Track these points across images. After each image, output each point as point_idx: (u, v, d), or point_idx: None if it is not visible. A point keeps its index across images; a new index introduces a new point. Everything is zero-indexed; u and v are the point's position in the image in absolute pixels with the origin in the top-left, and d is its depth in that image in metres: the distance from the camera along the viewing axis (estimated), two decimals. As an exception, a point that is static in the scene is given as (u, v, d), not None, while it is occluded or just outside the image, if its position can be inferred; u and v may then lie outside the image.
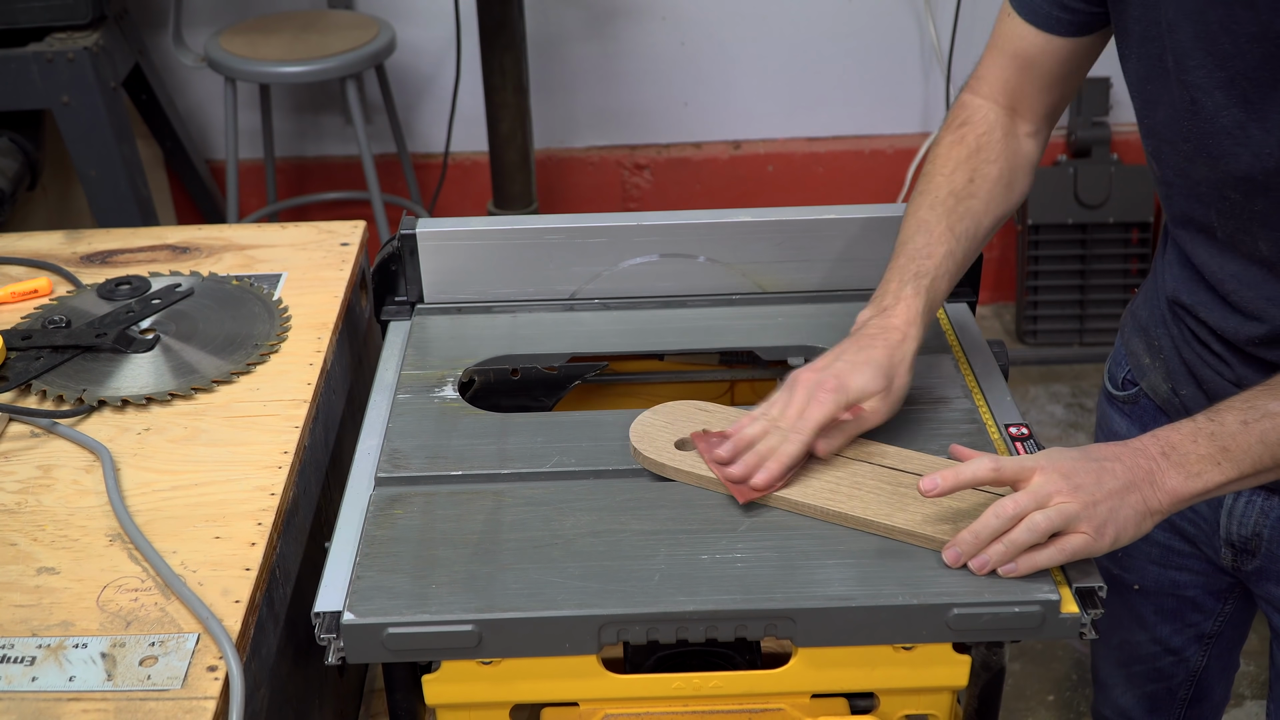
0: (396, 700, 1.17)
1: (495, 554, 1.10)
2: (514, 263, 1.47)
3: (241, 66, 2.78)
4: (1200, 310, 1.22)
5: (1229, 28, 1.05)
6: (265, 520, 1.14)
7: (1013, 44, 1.28)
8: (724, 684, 1.11)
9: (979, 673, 1.15)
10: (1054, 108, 1.31)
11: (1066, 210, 3.25)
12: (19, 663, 0.99)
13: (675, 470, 1.18)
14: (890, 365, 1.17)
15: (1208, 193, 1.15)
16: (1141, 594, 1.45)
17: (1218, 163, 1.12)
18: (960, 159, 1.28)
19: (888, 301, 1.21)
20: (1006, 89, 1.30)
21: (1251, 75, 1.05)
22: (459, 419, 1.28)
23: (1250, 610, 1.46)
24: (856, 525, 1.12)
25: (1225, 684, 1.54)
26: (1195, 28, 1.07)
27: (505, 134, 2.81)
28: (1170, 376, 1.30)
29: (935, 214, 1.25)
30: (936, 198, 1.26)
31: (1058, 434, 3.05)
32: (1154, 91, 1.16)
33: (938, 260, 1.23)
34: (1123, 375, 1.39)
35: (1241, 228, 1.14)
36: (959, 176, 1.26)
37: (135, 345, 1.37)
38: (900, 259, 1.24)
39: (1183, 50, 1.09)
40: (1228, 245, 1.16)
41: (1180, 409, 1.29)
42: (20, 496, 1.17)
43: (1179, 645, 1.47)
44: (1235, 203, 1.13)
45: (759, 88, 3.29)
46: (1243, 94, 1.07)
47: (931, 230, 1.24)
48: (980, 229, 1.26)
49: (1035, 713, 2.38)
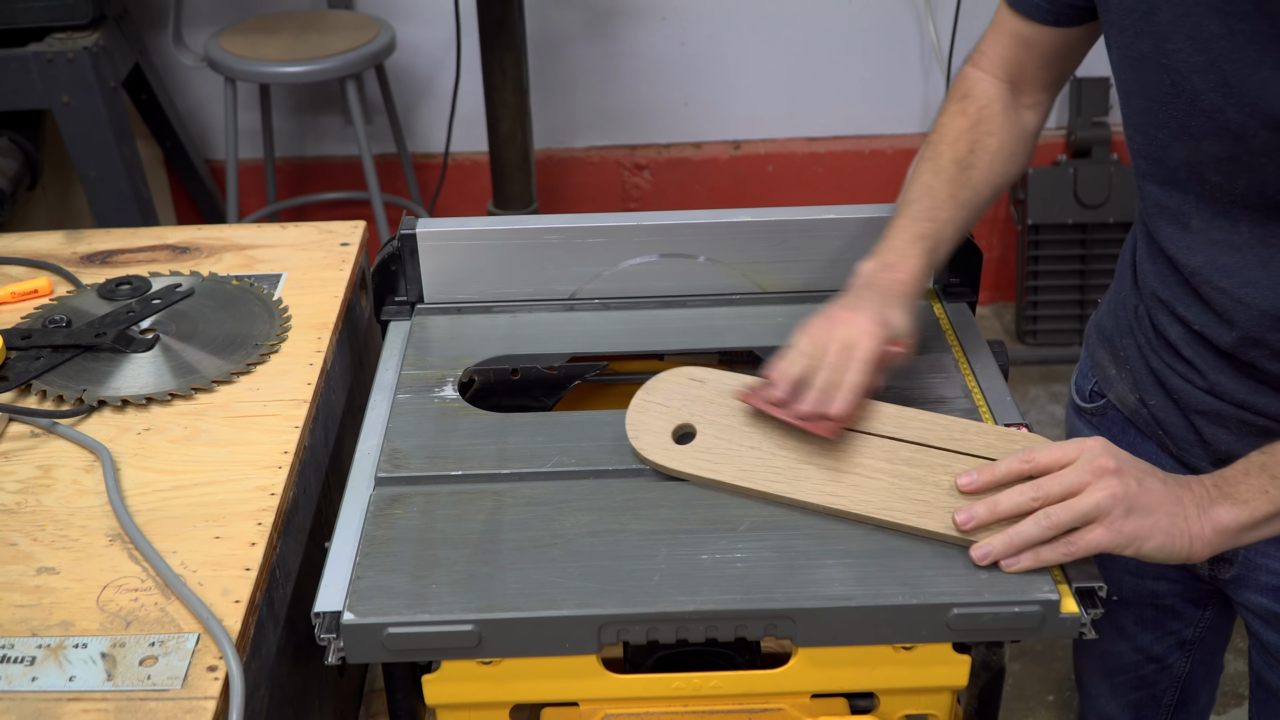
0: (396, 700, 1.17)
1: (495, 554, 1.10)
2: (514, 263, 1.47)
3: (241, 66, 2.78)
4: (1178, 306, 1.20)
5: (1215, 10, 1.03)
6: (265, 520, 1.14)
7: (1010, 25, 1.30)
8: (724, 684, 1.11)
9: (979, 673, 1.16)
10: (1055, 81, 1.33)
11: (1066, 210, 3.25)
12: (19, 663, 0.99)
13: (676, 471, 1.17)
14: (909, 310, 1.19)
15: (1186, 178, 1.14)
16: (1120, 604, 1.44)
17: (1199, 145, 1.10)
18: (962, 129, 1.30)
19: (892, 258, 1.22)
20: (1007, 64, 1.32)
21: (1235, 56, 1.04)
22: (459, 419, 1.28)
23: (1231, 614, 1.44)
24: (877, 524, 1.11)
25: (1210, 688, 1.53)
26: (1175, 10, 1.07)
27: (505, 134, 2.81)
28: (1137, 387, 1.29)
29: (940, 180, 1.27)
30: (940, 164, 1.28)
31: (1058, 434, 3.02)
32: (1132, 79, 1.16)
33: (940, 224, 1.25)
34: (1089, 388, 1.39)
35: (1220, 212, 1.12)
36: (961, 146, 1.29)
37: (135, 345, 1.37)
38: (904, 219, 1.25)
39: (1162, 34, 1.08)
40: (1202, 234, 1.15)
41: (1149, 420, 1.29)
42: (20, 496, 1.17)
43: (1161, 653, 1.46)
44: (1215, 185, 1.11)
45: (759, 88, 3.29)
46: (1222, 76, 1.05)
47: (936, 194, 1.26)
48: (980, 198, 1.29)
49: (1035, 713, 2.38)
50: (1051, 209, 3.26)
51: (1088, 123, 3.24)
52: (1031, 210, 3.26)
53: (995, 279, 3.47)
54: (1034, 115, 1.34)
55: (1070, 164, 3.25)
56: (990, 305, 3.49)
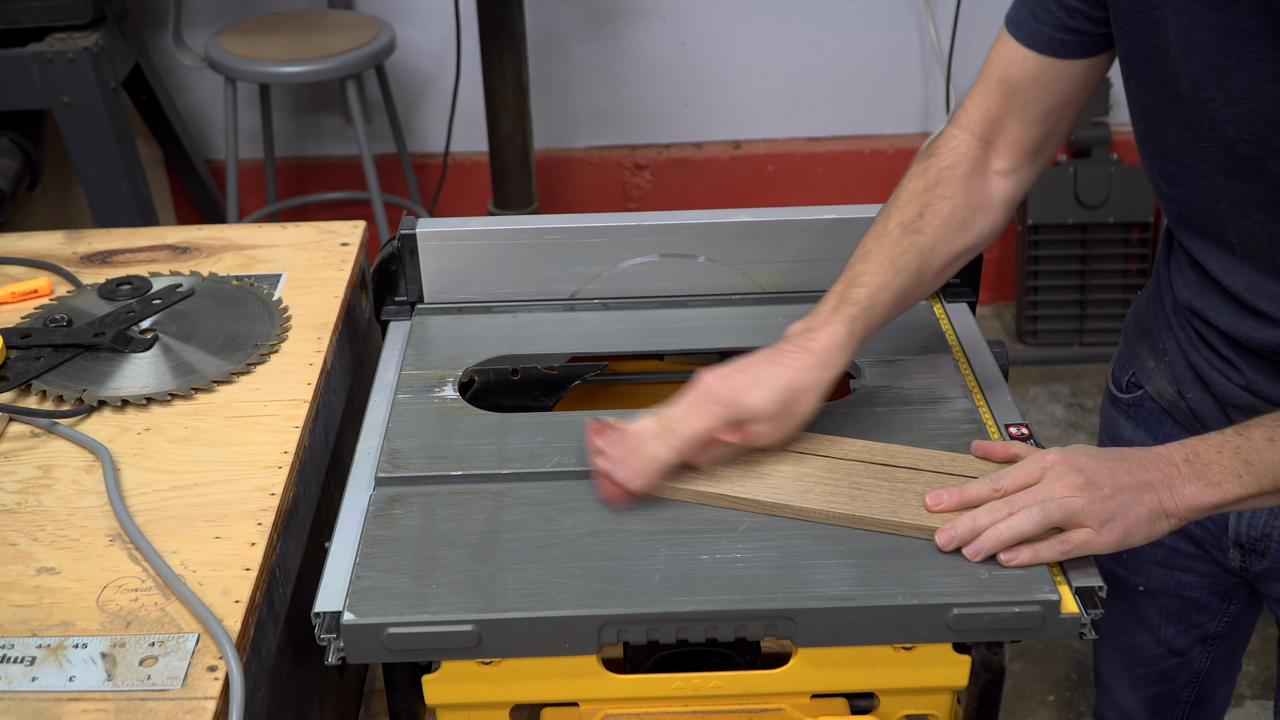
0: (396, 700, 1.17)
1: (495, 554, 1.10)
2: (514, 263, 1.47)
3: (241, 66, 2.78)
4: (1211, 314, 1.21)
5: (1248, 64, 1.03)
6: (265, 520, 1.14)
7: (1001, 69, 1.24)
8: (724, 684, 1.11)
9: (979, 673, 1.16)
10: (1038, 144, 1.26)
11: (1066, 210, 3.25)
12: (19, 663, 0.99)
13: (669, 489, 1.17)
14: (793, 390, 1.14)
15: (1228, 210, 1.13)
16: (1146, 595, 1.45)
17: (1240, 185, 1.10)
18: (916, 191, 1.24)
19: (815, 323, 1.18)
20: (986, 119, 1.26)
21: (1267, 114, 1.03)
22: (459, 419, 1.28)
23: (1254, 611, 1.46)
24: (861, 525, 1.12)
25: (1228, 685, 1.54)
26: (1208, 62, 1.05)
27: (505, 134, 2.81)
28: (1176, 380, 1.30)
29: (880, 245, 1.22)
30: (885, 229, 1.23)
31: (1058, 434, 3.05)
32: (1163, 115, 1.13)
33: (871, 291, 1.19)
34: (1127, 379, 1.39)
35: (1262, 245, 1.12)
36: (910, 209, 1.23)
37: (135, 345, 1.37)
38: (840, 283, 1.21)
39: (1197, 81, 1.07)
40: (1246, 257, 1.15)
41: (1187, 412, 1.29)
42: (20, 496, 1.17)
43: (1183, 647, 1.47)
44: (1258, 223, 1.11)
45: (759, 88, 3.29)
46: (1257, 131, 1.05)
47: (871, 260, 1.21)
48: (927, 266, 1.22)
49: (1035, 713, 2.38)
50: (1051, 209, 3.26)
51: (1088, 123, 3.24)
52: (1031, 210, 3.26)
53: (995, 279, 3.47)
54: (1007, 184, 1.26)
55: (1070, 164, 3.25)
56: (990, 305, 3.49)
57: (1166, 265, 1.30)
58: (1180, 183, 1.17)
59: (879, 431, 1.23)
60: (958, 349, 1.38)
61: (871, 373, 1.34)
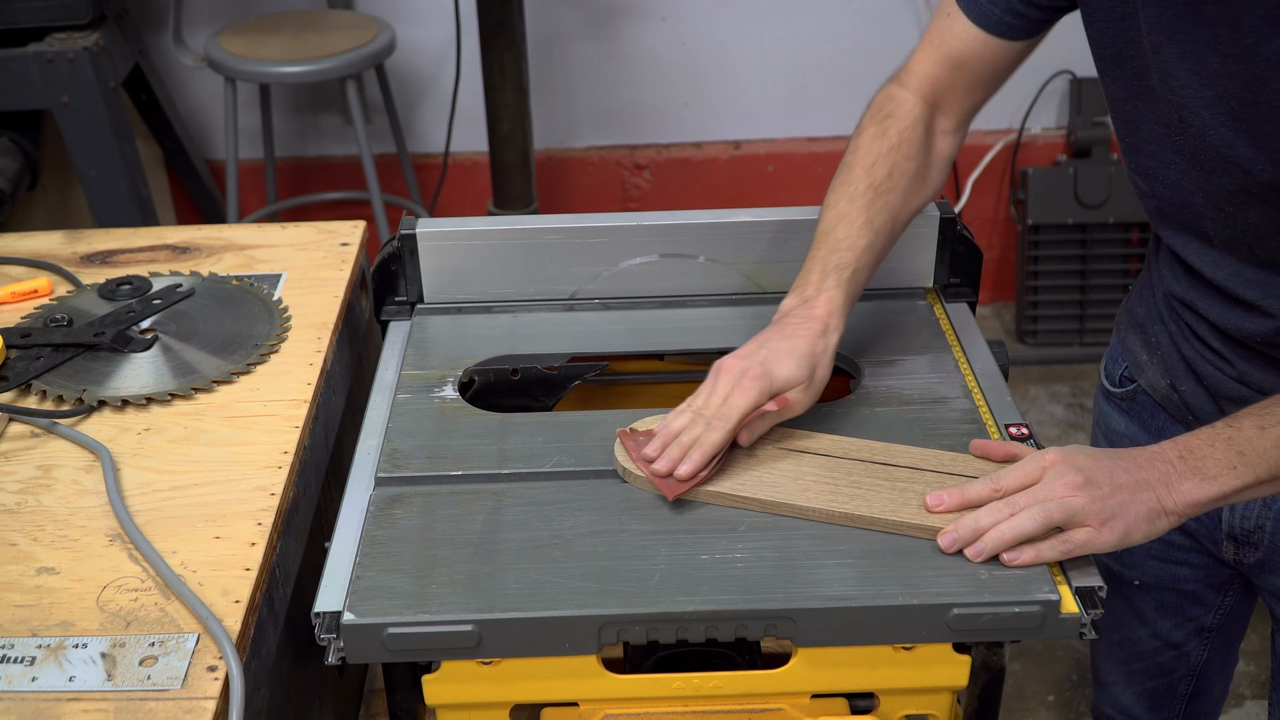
0: (396, 700, 1.17)
1: (495, 554, 1.10)
2: (514, 263, 1.47)
3: (241, 66, 2.78)
4: (1200, 305, 1.22)
5: (1216, 48, 1.05)
6: (265, 520, 1.14)
7: (949, 43, 1.29)
8: (724, 684, 1.11)
9: (979, 673, 1.16)
10: (975, 107, 1.33)
11: (1066, 210, 3.25)
12: (19, 663, 0.99)
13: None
14: (813, 356, 1.19)
15: (1202, 203, 1.15)
16: (1142, 589, 1.45)
17: (1210, 176, 1.12)
18: (881, 152, 1.28)
19: (810, 292, 1.23)
20: (934, 86, 1.31)
21: (1238, 94, 1.06)
22: (459, 419, 1.28)
23: (1250, 602, 1.46)
24: (861, 524, 1.12)
25: (1225, 679, 1.55)
26: (1179, 48, 1.08)
27: (505, 134, 2.81)
28: (1169, 373, 1.30)
29: (855, 206, 1.26)
30: (856, 190, 1.27)
31: (1058, 434, 3.05)
32: (1136, 110, 1.16)
33: (858, 253, 1.24)
34: (1120, 372, 1.39)
35: (1237, 236, 1.14)
36: (879, 170, 1.28)
37: (135, 345, 1.37)
38: (821, 249, 1.25)
39: (1167, 70, 1.09)
40: (1224, 248, 1.17)
41: (1180, 405, 1.30)
42: (20, 496, 1.17)
43: (1179, 640, 1.48)
44: (1229, 214, 1.13)
45: (759, 88, 3.29)
46: (1230, 111, 1.07)
47: (852, 223, 1.25)
48: (897, 223, 1.29)
49: (1035, 713, 2.38)
50: (1051, 209, 3.26)
51: (1088, 123, 3.25)
52: (1031, 210, 3.26)
53: (995, 279, 3.47)
54: (948, 143, 1.33)
55: (1070, 164, 3.25)
56: (990, 305, 3.49)
57: (1156, 260, 1.30)
58: (1155, 177, 1.19)
59: (879, 431, 1.24)
60: (958, 349, 1.38)
61: (871, 373, 1.34)
